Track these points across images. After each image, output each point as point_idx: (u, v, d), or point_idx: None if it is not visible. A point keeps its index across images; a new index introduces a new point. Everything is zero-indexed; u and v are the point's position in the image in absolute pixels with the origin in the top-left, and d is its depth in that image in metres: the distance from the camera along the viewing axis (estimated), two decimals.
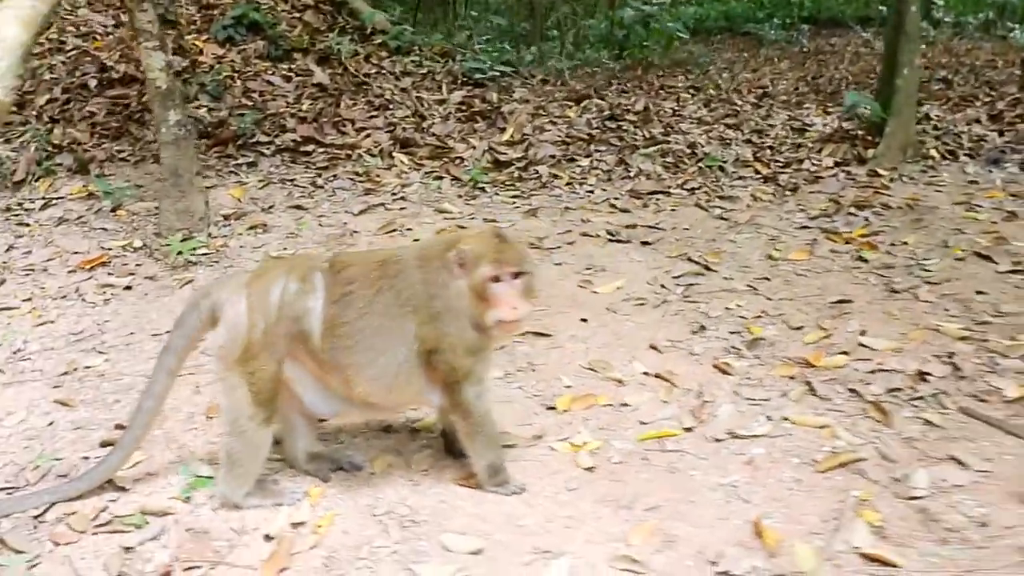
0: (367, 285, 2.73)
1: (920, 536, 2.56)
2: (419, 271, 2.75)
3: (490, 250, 2.65)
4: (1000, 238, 5.19)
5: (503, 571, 2.49)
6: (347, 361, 2.72)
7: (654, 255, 5.22)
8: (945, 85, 9.95)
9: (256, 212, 6.15)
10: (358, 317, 2.70)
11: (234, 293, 2.76)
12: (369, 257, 2.91)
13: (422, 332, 2.71)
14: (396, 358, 2.72)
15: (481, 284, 2.63)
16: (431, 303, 2.71)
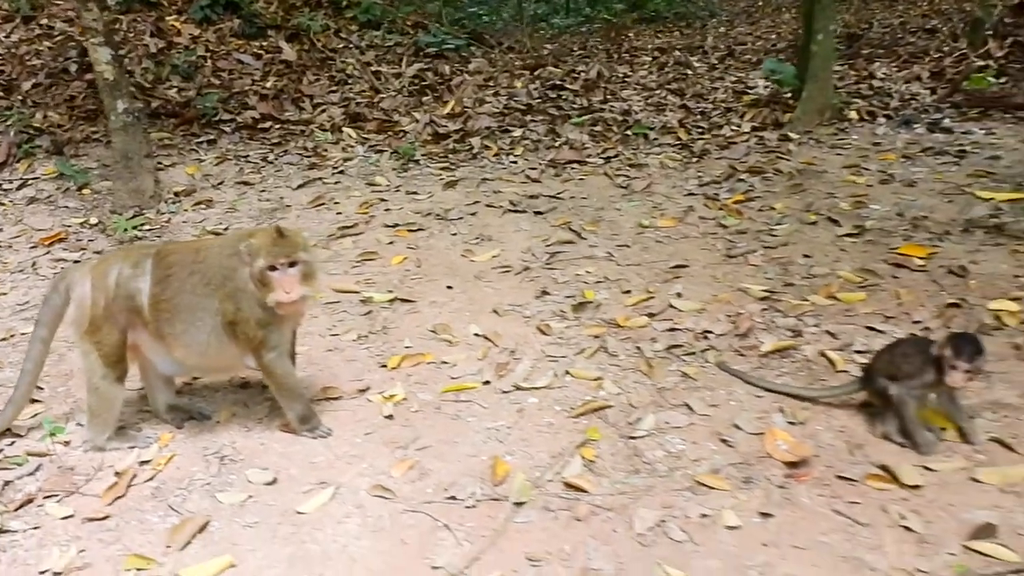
0: (183, 269, 3.33)
1: (620, 468, 3.15)
2: (221, 259, 3.33)
3: (268, 244, 3.24)
4: (860, 202, 5.62)
5: (285, 498, 3.15)
6: (168, 331, 3.33)
7: (541, 225, 5.77)
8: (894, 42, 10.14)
9: (206, 189, 6.84)
10: (175, 295, 3.30)
11: (82, 276, 3.37)
12: (189, 246, 3.55)
13: (223, 308, 3.33)
14: (205, 329, 3.31)
15: (260, 272, 3.23)
16: (227, 285, 3.32)
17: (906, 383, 3.01)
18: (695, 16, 15.71)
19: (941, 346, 2.96)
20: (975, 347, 2.91)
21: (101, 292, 3.31)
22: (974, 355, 2.89)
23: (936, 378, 2.96)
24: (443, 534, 2.87)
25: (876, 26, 11.31)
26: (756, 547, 2.66)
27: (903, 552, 2.58)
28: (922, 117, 7.45)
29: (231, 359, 3.47)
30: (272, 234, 3.26)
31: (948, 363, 2.90)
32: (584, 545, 2.75)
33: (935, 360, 2.96)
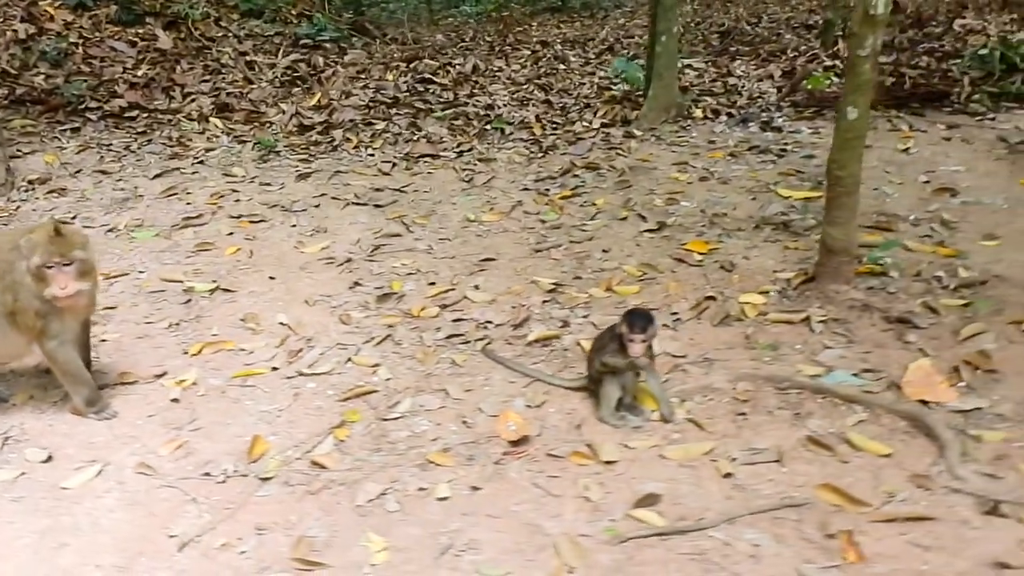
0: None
1: (366, 447, 3.49)
2: (2, 253, 3.57)
3: (44, 242, 3.47)
4: (673, 198, 6.04)
5: (55, 475, 3.41)
6: None
7: (378, 218, 6.07)
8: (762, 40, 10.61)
9: (63, 177, 6.97)
10: None
11: None
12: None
13: (2, 299, 3.57)
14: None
15: (36, 269, 3.47)
16: (6, 278, 3.55)
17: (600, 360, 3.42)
18: (599, 6, 16.04)
19: (619, 324, 3.36)
20: (645, 320, 3.34)
21: None
22: (644, 327, 3.33)
23: (622, 353, 3.35)
24: (190, 507, 3.17)
25: (747, 24, 11.79)
26: (456, 516, 3.02)
27: (577, 519, 2.97)
28: (761, 115, 7.89)
29: (17, 347, 3.73)
30: (49, 232, 3.47)
31: (626, 338, 3.30)
32: (309, 516, 3.07)
33: (619, 338, 3.36)
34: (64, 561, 2.90)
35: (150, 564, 2.87)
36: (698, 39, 11.51)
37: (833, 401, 3.48)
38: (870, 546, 2.72)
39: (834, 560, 2.69)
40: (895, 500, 2.92)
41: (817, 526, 2.82)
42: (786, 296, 4.37)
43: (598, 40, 12.13)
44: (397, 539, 2.92)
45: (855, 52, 3.83)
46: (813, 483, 3.03)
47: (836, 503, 2.92)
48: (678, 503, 3.00)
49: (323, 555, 2.86)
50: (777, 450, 3.21)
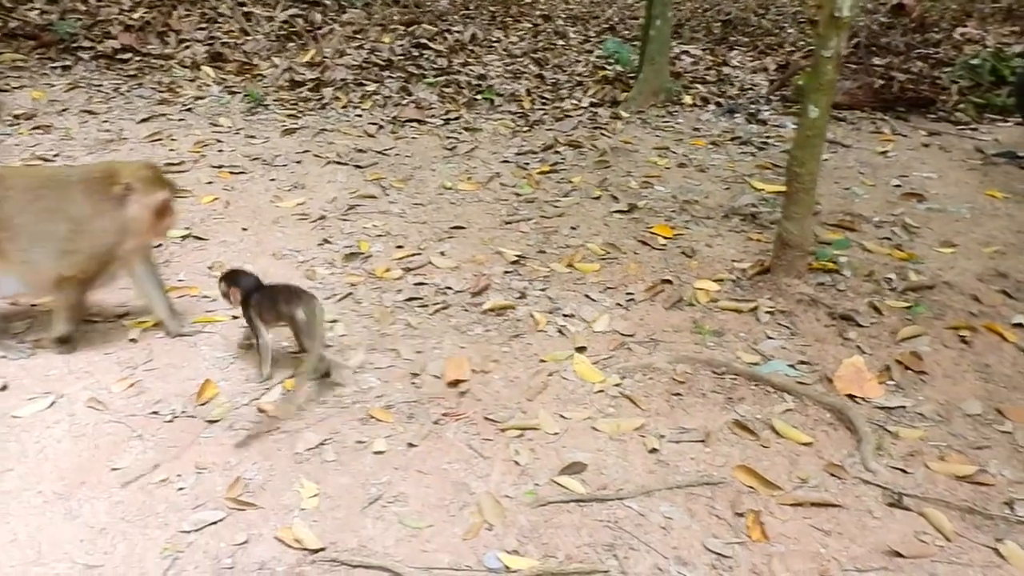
0: (27, 193, 3.53)
1: (312, 398, 3.61)
2: (84, 191, 3.52)
3: (157, 180, 3.56)
4: (648, 182, 6.14)
5: (8, 403, 3.52)
6: (9, 247, 3.54)
7: (357, 178, 6.15)
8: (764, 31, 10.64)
9: (49, 114, 7.01)
10: (14, 215, 3.50)
11: None
12: (34, 172, 3.82)
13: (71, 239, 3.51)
14: (42, 250, 3.54)
15: (159, 202, 3.52)
16: (89, 218, 3.49)
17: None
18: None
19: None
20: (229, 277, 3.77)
21: None
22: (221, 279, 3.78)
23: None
24: (135, 443, 3.29)
25: (753, 14, 11.80)
26: (388, 470, 3.14)
27: (503, 481, 3.09)
28: (749, 107, 7.96)
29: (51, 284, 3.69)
30: (154, 175, 3.58)
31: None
32: (248, 459, 3.19)
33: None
34: (6, 485, 3.01)
35: (90, 494, 2.99)
36: (701, 26, 11.53)
37: (765, 389, 3.60)
38: (775, 527, 2.85)
39: (739, 537, 2.82)
40: (806, 486, 3.05)
41: (728, 505, 2.95)
42: (740, 285, 4.48)
43: (602, 18, 12.14)
44: (329, 487, 3.04)
45: (819, 52, 3.92)
46: (732, 464, 3.16)
47: (750, 484, 3.04)
48: (601, 473, 3.12)
49: (256, 496, 2.98)
50: (704, 431, 3.34)
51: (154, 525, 2.83)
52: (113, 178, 3.52)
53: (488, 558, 2.69)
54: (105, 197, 3.51)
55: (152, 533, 2.80)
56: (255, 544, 2.77)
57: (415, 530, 2.83)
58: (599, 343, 3.98)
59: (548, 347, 3.95)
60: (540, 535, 2.82)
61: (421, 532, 2.83)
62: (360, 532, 2.82)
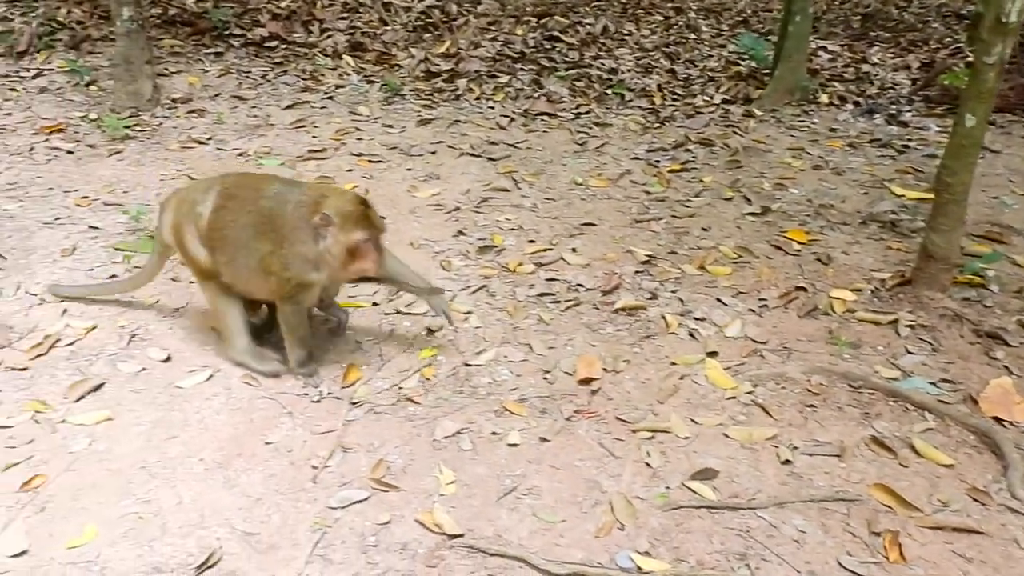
0: (241, 205, 3.53)
1: (448, 388, 3.74)
2: (289, 213, 3.44)
3: (359, 215, 3.37)
4: (782, 184, 6.05)
5: (172, 373, 3.79)
6: (219, 256, 3.60)
7: (489, 170, 6.29)
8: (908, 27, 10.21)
9: (203, 99, 7.43)
10: (225, 227, 3.53)
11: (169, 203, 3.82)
12: (253, 183, 3.68)
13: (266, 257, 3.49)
14: (246, 265, 3.55)
15: (353, 243, 3.36)
16: (285, 242, 3.43)
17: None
18: None
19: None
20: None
21: (178, 216, 3.70)
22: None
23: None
24: (285, 419, 3.50)
25: (894, 8, 11.35)
26: (522, 463, 3.25)
27: (634, 482, 3.15)
28: (889, 107, 7.70)
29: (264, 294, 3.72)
30: (361, 205, 3.42)
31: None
32: (390, 443, 3.36)
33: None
34: (172, 451, 3.26)
35: (245, 465, 3.20)
36: (838, 20, 11.16)
37: (905, 406, 3.53)
38: (913, 549, 2.81)
39: (875, 557, 2.79)
40: (948, 509, 2.98)
41: (864, 522, 2.92)
42: (878, 296, 4.38)
43: (735, 11, 11.89)
44: (466, 475, 3.16)
45: (981, 59, 3.78)
46: (868, 481, 3.12)
47: (888, 504, 3.00)
48: (733, 481, 3.13)
49: (398, 479, 3.13)
50: (839, 445, 3.30)
51: (304, 499, 3.01)
52: (316, 208, 3.37)
53: (620, 557, 2.76)
54: (305, 224, 3.39)
55: (303, 507, 2.98)
56: (397, 525, 2.91)
57: (548, 524, 2.92)
58: (731, 349, 3.97)
59: (679, 350, 3.97)
60: (671, 538, 2.86)
61: (554, 526, 2.91)
62: (496, 522, 2.93)
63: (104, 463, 3.17)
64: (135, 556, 2.75)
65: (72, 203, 5.34)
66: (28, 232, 4.95)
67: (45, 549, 2.76)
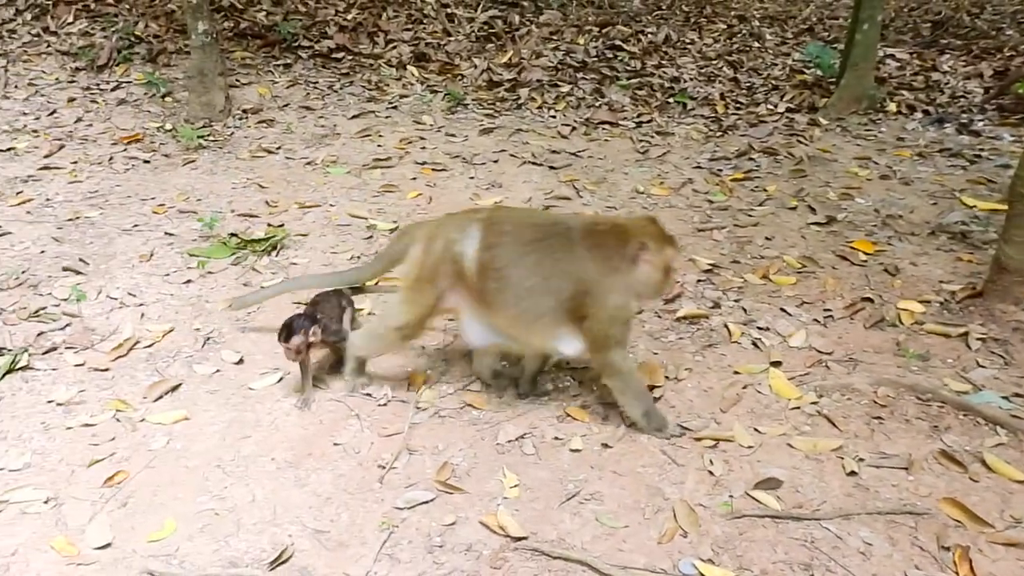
0: (520, 241, 3.28)
1: (512, 393, 3.81)
2: (586, 247, 3.24)
3: (667, 234, 3.31)
4: (848, 194, 6.00)
5: (244, 375, 3.92)
6: (495, 299, 3.29)
7: (551, 179, 6.35)
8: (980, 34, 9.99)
9: (272, 109, 7.65)
10: (508, 265, 3.25)
11: (420, 236, 3.54)
12: (524, 217, 3.63)
13: (579, 301, 3.21)
14: (539, 308, 3.26)
15: (669, 263, 3.25)
16: (599, 279, 3.21)
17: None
18: None
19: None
20: (286, 331, 3.53)
21: (429, 255, 3.41)
22: (287, 338, 3.52)
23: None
24: (352, 421, 3.59)
25: (966, 15, 11.11)
26: (584, 468, 3.28)
27: (697, 490, 3.16)
28: (960, 116, 7.56)
29: (544, 342, 3.42)
30: (661, 231, 3.32)
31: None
32: (454, 446, 3.42)
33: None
34: (245, 450, 3.37)
35: (315, 465, 3.30)
36: (907, 27, 10.97)
37: (975, 420, 3.47)
38: (984, 565, 2.76)
39: (944, 572, 2.75)
40: (1021, 526, 2.92)
41: (933, 537, 2.89)
42: (947, 309, 4.31)
43: (800, 19, 11.77)
44: (529, 479, 3.21)
45: None
46: (937, 495, 3.07)
47: (957, 518, 2.96)
48: (797, 491, 3.12)
49: (462, 482, 3.19)
50: (907, 458, 3.26)
51: (372, 499, 3.09)
52: (623, 235, 3.25)
53: (684, 564, 2.77)
54: (617, 255, 3.23)
55: (370, 506, 3.06)
56: (462, 526, 2.97)
57: (611, 529, 2.95)
58: (795, 359, 3.95)
59: (742, 359, 3.96)
60: (735, 547, 2.86)
61: (617, 531, 2.94)
62: (559, 525, 2.97)
63: (181, 461, 3.29)
64: (212, 551, 2.85)
65: (149, 211, 5.53)
66: (108, 239, 5.15)
67: (128, 542, 2.88)
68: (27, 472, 3.21)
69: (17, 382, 3.75)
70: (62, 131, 6.86)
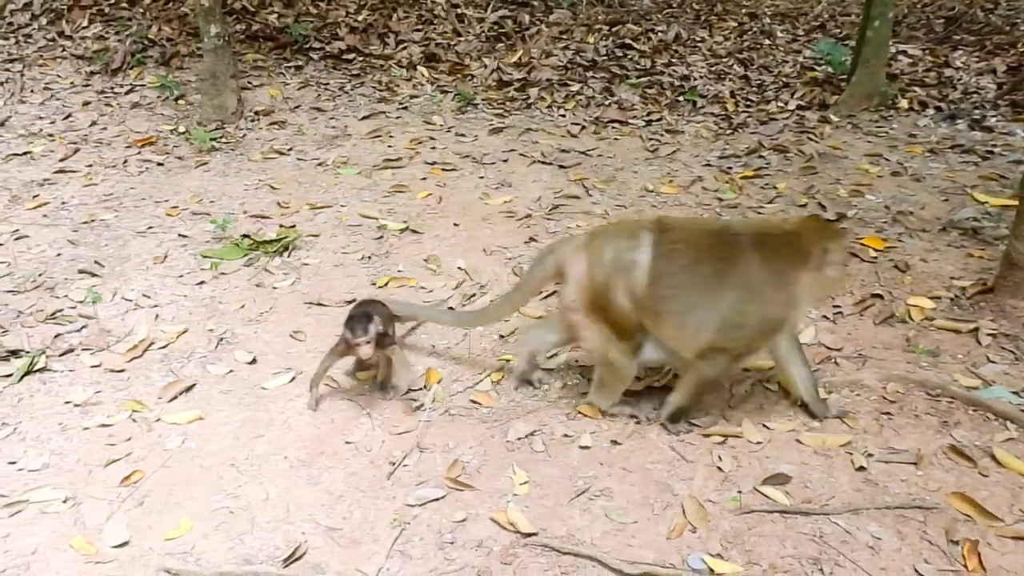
0: (693, 248, 3.20)
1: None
2: (759, 252, 3.15)
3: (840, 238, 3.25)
4: (858, 191, 5.99)
5: (257, 375, 3.98)
6: (663, 308, 3.21)
7: (560, 178, 6.38)
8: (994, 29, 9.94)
9: (284, 111, 7.70)
10: (680, 273, 3.17)
11: (575, 252, 3.35)
12: (695, 224, 3.57)
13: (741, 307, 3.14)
14: (704, 317, 3.18)
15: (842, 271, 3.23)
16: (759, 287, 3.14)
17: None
18: None
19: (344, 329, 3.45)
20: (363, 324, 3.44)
21: (598, 268, 3.27)
22: (365, 329, 3.43)
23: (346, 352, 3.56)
24: (364, 420, 3.63)
25: (980, 10, 11.05)
26: (594, 465, 3.31)
27: (706, 486, 3.18)
28: (973, 112, 7.53)
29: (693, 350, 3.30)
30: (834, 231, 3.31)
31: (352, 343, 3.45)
32: (464, 444, 3.46)
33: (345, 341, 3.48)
34: (259, 449, 3.42)
35: (327, 463, 3.34)
36: (920, 23, 10.92)
37: (985, 415, 3.47)
38: (993, 559, 2.77)
39: (953, 566, 2.77)
40: None
41: (942, 531, 2.90)
42: (958, 304, 4.31)
43: (811, 16, 11.72)
44: (538, 476, 3.24)
45: None
46: (946, 490, 3.08)
47: (967, 513, 2.97)
48: (806, 487, 3.14)
49: (473, 479, 3.23)
50: (916, 453, 3.27)
51: (384, 497, 3.13)
52: (801, 241, 3.18)
53: (693, 559, 2.79)
54: (788, 262, 3.16)
55: (382, 504, 3.09)
56: (473, 523, 3.01)
57: (620, 525, 2.97)
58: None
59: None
60: (743, 542, 2.88)
61: (626, 527, 2.96)
62: (568, 522, 2.99)
63: (196, 460, 3.34)
64: (227, 548, 2.89)
65: (163, 213, 5.59)
66: (123, 241, 5.22)
67: (144, 540, 2.93)
68: (46, 472, 3.26)
69: (35, 384, 3.80)
70: (77, 135, 6.93)
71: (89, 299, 4.31)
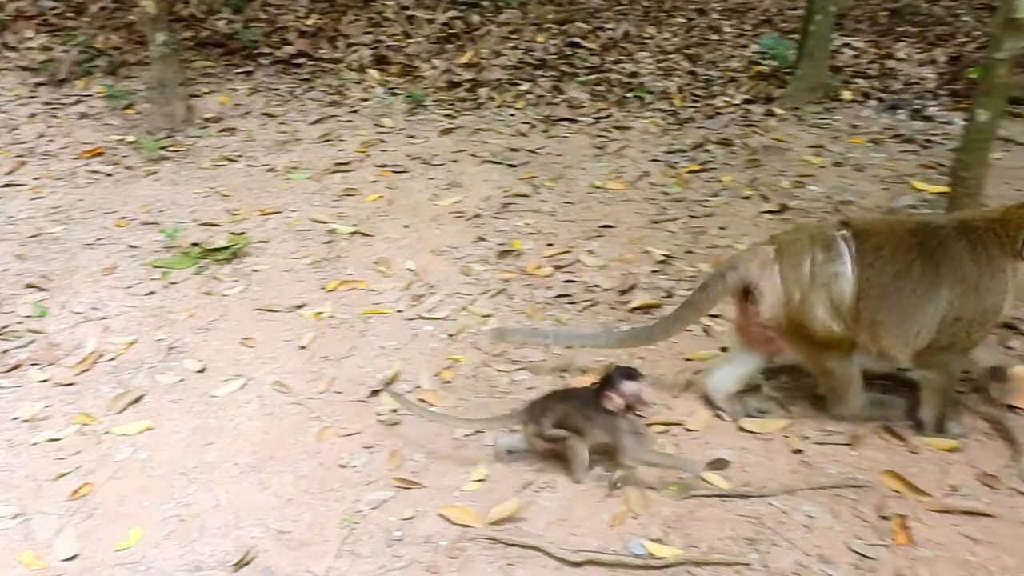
0: (900, 251, 3.09)
1: (468, 388, 3.89)
2: (965, 243, 3.06)
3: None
4: (801, 182, 6.13)
5: (207, 384, 3.99)
6: (875, 318, 3.11)
7: (509, 177, 6.43)
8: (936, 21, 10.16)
9: (234, 117, 7.67)
10: (891, 280, 3.06)
11: (764, 266, 3.20)
12: (892, 224, 3.33)
13: (957, 301, 3.04)
14: (923, 320, 3.08)
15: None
16: (984, 280, 3.03)
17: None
18: None
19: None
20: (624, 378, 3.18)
21: (796, 285, 3.15)
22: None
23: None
24: (313, 423, 3.67)
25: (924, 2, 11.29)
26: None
27: (648, 473, 3.27)
28: (913, 103, 7.71)
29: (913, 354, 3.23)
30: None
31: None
32: (412, 442, 3.51)
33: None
34: (209, 457, 3.44)
35: (278, 468, 3.38)
36: (865, 15, 11.13)
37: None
38: (922, 532, 2.89)
39: (884, 540, 2.87)
40: (957, 494, 3.05)
41: (873, 508, 3.01)
42: None
43: (758, 11, 11.89)
44: (486, 471, 3.29)
45: (992, 55, 3.83)
46: (879, 468, 3.20)
47: (897, 489, 3.08)
48: (745, 471, 3.24)
49: (421, 477, 3.29)
50: (851, 434, 3.38)
51: (333, 498, 3.18)
52: (1004, 229, 3.06)
53: (633, 545, 2.87)
54: (997, 250, 3.06)
55: (332, 505, 3.14)
56: (421, 520, 3.07)
57: (565, 515, 3.04)
58: None
59: (694, 346, 4.07)
60: (683, 526, 2.97)
61: (570, 517, 3.03)
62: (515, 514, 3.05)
63: (146, 470, 3.36)
64: (177, 556, 2.92)
65: (112, 224, 5.57)
66: (71, 253, 5.19)
67: (95, 552, 2.95)
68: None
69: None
70: (23, 147, 6.86)
71: (36, 313, 4.28)
